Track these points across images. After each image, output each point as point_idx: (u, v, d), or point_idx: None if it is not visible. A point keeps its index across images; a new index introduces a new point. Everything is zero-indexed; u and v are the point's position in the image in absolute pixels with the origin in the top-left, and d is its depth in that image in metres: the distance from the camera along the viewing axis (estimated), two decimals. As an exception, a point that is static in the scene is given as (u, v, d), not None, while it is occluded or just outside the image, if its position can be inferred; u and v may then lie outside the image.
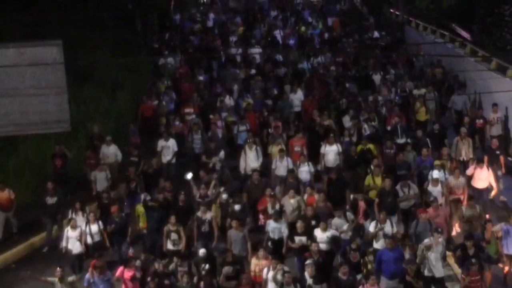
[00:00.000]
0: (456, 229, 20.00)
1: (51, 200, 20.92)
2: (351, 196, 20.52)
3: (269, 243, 18.56)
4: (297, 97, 28.02)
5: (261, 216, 19.93)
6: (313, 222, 18.47)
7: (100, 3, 33.73)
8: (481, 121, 24.27)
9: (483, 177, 21.09)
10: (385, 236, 17.74)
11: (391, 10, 38.65)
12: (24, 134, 21.22)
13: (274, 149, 23.01)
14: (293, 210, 19.61)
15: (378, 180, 20.72)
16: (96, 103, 28.13)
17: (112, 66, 30.84)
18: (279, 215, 18.75)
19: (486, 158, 21.73)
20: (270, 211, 19.35)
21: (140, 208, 20.10)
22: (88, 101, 27.91)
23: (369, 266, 17.40)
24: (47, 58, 17.77)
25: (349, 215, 19.02)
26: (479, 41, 30.23)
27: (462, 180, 20.41)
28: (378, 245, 18.02)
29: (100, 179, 22.23)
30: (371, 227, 18.33)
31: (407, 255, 17.21)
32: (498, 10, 29.93)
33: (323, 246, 17.76)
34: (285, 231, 18.44)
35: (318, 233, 18.05)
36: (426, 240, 17.31)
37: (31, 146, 24.54)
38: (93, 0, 33.39)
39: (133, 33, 35.78)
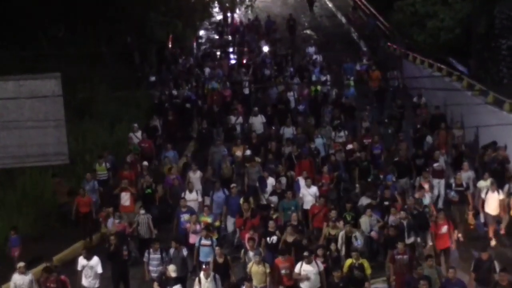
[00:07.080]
0: None
1: None
2: None
3: None
4: (312, 192, 21.40)
5: None
6: None
7: (99, 37, 33.89)
8: None
9: None
10: None
11: (389, 44, 38.83)
12: (22, 166, 21.17)
13: (254, 269, 17.59)
14: None
15: None
16: (94, 136, 28.16)
17: (110, 100, 30.92)
18: None
19: None
20: None
21: None
22: (86, 134, 27.96)
23: None
24: (46, 91, 17.85)
25: None
26: (476, 75, 30.34)
27: None
28: None
29: None
30: None
31: None
32: (494, 45, 30.06)
33: None
34: None
35: None
36: None
37: (29, 179, 24.55)
38: (91, 35, 33.54)
39: (131, 67, 35.91)
